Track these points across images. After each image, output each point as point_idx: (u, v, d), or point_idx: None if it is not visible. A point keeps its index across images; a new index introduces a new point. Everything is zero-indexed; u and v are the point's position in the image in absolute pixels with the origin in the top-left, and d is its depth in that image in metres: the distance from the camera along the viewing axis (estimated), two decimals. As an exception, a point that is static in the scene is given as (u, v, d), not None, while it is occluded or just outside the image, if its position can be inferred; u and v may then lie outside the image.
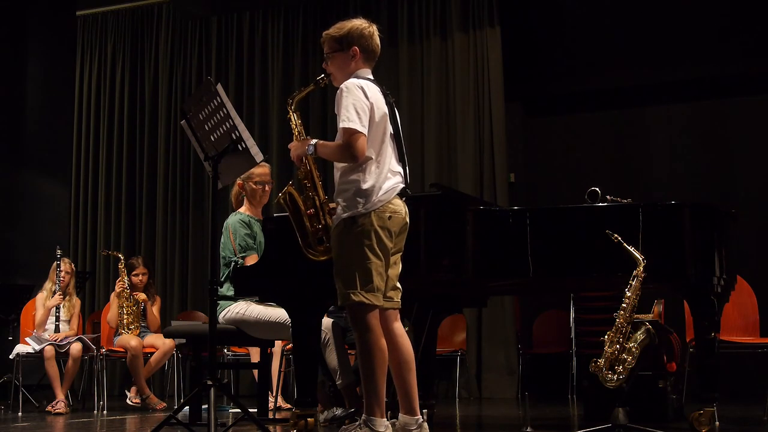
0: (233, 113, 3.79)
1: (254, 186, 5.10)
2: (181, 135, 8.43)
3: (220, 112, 3.81)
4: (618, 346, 3.93)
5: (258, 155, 3.82)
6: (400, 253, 3.61)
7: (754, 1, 7.32)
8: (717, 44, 7.45)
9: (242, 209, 5.14)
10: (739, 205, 5.68)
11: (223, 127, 3.82)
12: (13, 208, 8.90)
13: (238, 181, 5.06)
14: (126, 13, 9.09)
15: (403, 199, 3.58)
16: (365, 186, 3.46)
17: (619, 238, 3.99)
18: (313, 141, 3.58)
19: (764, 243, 6.89)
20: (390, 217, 3.49)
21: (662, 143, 7.65)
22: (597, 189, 4.59)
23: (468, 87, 7.68)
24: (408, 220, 3.59)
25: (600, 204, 4.46)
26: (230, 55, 8.64)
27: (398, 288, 3.60)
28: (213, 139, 3.90)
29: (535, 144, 8.11)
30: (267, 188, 5.16)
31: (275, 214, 4.56)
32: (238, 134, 3.78)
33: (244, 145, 3.79)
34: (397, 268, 3.60)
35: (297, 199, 3.66)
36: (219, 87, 3.80)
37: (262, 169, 5.05)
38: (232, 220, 5.05)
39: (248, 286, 4.43)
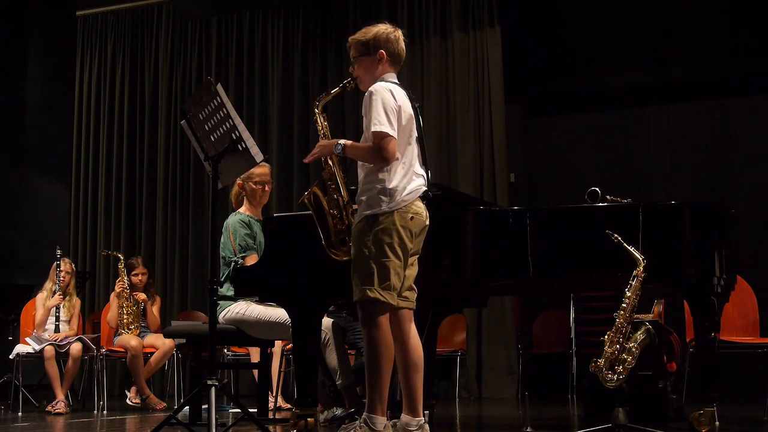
0: (233, 113, 3.79)
1: (254, 186, 5.10)
2: (181, 135, 8.43)
3: (220, 112, 3.81)
4: (618, 346, 3.93)
5: (258, 155, 3.82)
6: (417, 255, 3.64)
7: (754, 1, 7.32)
8: (717, 44, 7.45)
9: (242, 209, 5.14)
10: (739, 205, 5.67)
11: (223, 127, 3.82)
12: (13, 208, 8.88)
13: (238, 181, 5.06)
14: (126, 13, 9.09)
15: (425, 202, 3.60)
16: (390, 185, 3.49)
17: (619, 238, 3.99)
18: (342, 141, 3.60)
19: (764, 243, 6.89)
20: (412, 218, 3.52)
21: (662, 143, 7.65)
22: (597, 189, 4.59)
23: (468, 87, 7.67)
24: (428, 222, 3.62)
25: (600, 204, 4.46)
26: (230, 55, 8.64)
27: (414, 289, 3.62)
28: (213, 139, 3.90)
29: (535, 144, 8.10)
30: (267, 188, 5.16)
31: (275, 214, 4.56)
32: (238, 134, 3.78)
33: (244, 145, 3.79)
34: (414, 270, 3.62)
35: (321, 200, 3.67)
36: (219, 87, 3.80)
37: (262, 169, 5.05)
38: (232, 220, 5.04)
39: (248, 286, 4.43)
